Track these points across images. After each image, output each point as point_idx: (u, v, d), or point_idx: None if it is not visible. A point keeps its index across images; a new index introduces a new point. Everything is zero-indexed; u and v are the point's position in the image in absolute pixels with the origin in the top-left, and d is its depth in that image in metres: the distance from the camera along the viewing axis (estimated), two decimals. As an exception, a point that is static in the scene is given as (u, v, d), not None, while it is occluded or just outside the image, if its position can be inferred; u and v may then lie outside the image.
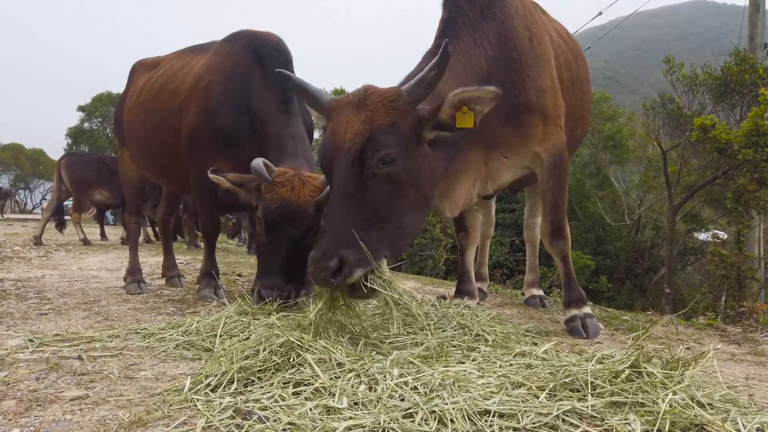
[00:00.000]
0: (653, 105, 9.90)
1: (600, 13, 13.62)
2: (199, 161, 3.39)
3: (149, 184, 4.58)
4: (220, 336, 2.19)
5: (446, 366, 1.75)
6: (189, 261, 6.94)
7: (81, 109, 35.30)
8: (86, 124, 35.61)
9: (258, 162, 2.87)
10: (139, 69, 4.19)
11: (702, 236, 14.39)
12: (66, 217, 10.79)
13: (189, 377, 1.65)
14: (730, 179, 8.39)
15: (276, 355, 1.74)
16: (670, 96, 9.65)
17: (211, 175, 2.93)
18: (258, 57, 3.35)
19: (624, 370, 1.58)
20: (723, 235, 11.85)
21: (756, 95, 8.33)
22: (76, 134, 35.47)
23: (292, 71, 3.41)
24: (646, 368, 1.55)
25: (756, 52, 10.59)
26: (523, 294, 4.01)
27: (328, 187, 2.70)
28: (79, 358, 1.99)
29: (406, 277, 6.24)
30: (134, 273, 3.98)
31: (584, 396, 1.49)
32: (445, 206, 2.67)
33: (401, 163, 2.16)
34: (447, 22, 2.70)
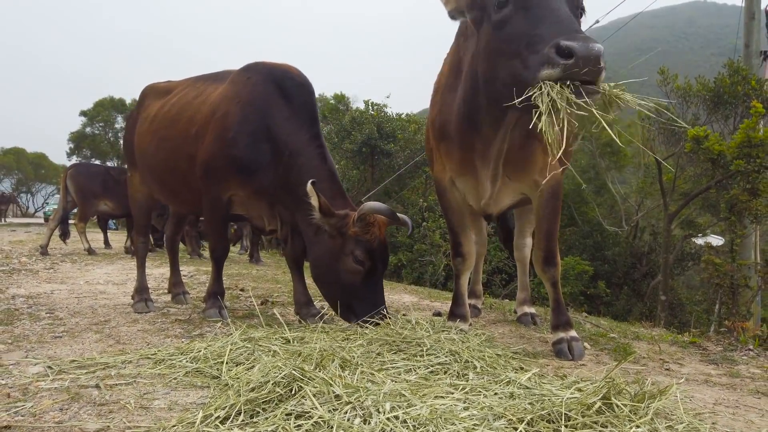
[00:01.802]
0: (648, 115, 10.06)
1: (597, 21, 13.72)
2: (214, 187, 3.54)
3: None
4: (227, 363, 2.35)
5: (436, 395, 1.91)
6: (192, 273, 7.11)
7: (83, 113, 35.61)
8: (88, 129, 35.91)
9: (377, 205, 3.16)
10: (150, 94, 4.31)
11: (700, 241, 14.53)
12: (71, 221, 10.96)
13: (200, 409, 1.81)
14: (723, 189, 8.56)
15: (279, 386, 1.90)
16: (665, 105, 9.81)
17: (310, 187, 3.05)
18: (280, 88, 3.46)
19: (596, 402, 1.73)
20: (719, 241, 11.98)
21: (749, 106, 8.49)
22: (78, 139, 35.78)
23: (315, 103, 3.62)
24: (614, 401, 1.71)
25: (752, 60, 10.74)
26: (515, 312, 4.16)
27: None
28: (97, 386, 2.14)
29: (404, 289, 6.40)
30: (142, 292, 4.14)
31: (558, 428, 1.64)
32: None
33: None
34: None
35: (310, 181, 3.08)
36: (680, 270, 14.30)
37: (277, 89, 3.46)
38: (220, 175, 3.47)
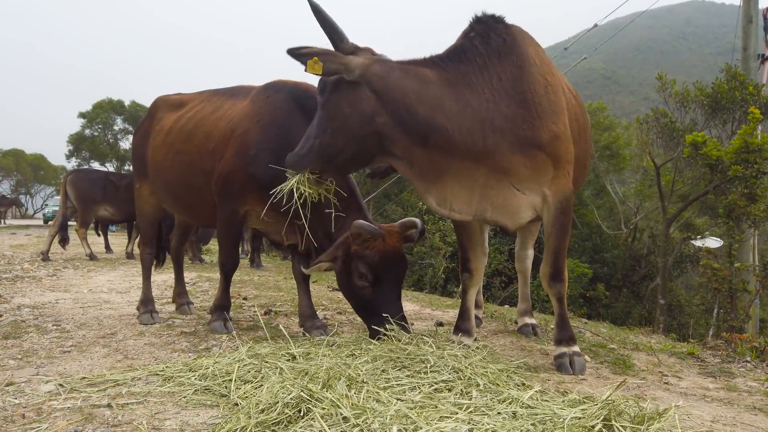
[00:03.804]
0: (647, 119, 10.13)
1: (595, 25, 13.79)
2: (231, 202, 3.58)
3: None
4: (235, 381, 2.40)
5: (441, 416, 1.96)
6: (195, 280, 7.15)
7: (82, 115, 35.60)
8: (87, 131, 35.90)
9: (362, 223, 3.17)
10: (162, 106, 4.30)
11: (698, 243, 14.60)
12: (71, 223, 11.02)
13: (211, 431, 1.86)
14: (721, 193, 8.63)
15: (288, 407, 1.95)
16: (664, 110, 9.88)
17: (357, 224, 3.13)
18: (303, 107, 3.48)
19: (597, 425, 1.78)
20: (717, 243, 12.04)
21: (747, 112, 8.56)
22: (77, 141, 35.78)
23: None
24: (615, 424, 1.76)
25: (749, 63, 10.81)
26: (516, 322, 4.22)
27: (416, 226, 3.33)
28: (109, 406, 2.19)
29: (405, 296, 6.44)
30: (147, 303, 4.18)
31: (560, 450, 1.69)
32: (430, 192, 2.95)
33: (328, 93, 2.91)
34: (456, 48, 2.98)
35: (358, 221, 3.20)
36: (679, 272, 14.38)
37: (300, 108, 3.47)
38: (238, 191, 3.50)
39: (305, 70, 2.83)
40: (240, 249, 12.84)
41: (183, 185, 3.90)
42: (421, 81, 2.83)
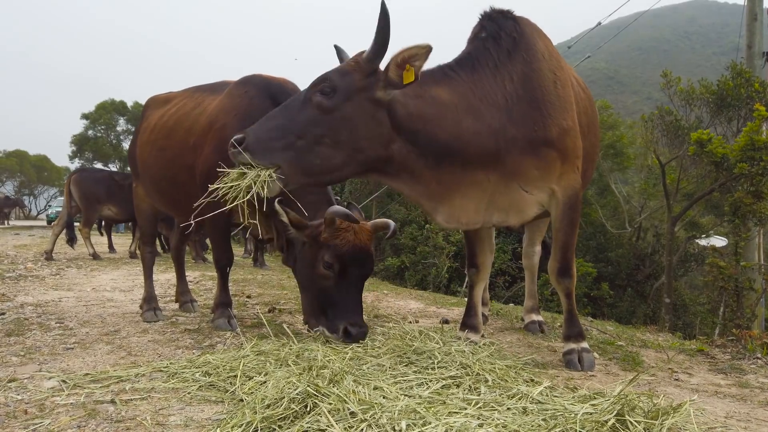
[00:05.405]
0: (652, 117, 10.07)
1: (599, 23, 13.73)
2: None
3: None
4: (240, 377, 2.37)
5: (449, 412, 1.93)
6: (198, 279, 7.12)
7: (85, 116, 35.70)
8: (90, 132, 35.99)
9: (338, 209, 3.07)
10: (152, 105, 4.35)
11: (703, 242, 14.52)
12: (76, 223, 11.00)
13: (217, 426, 1.83)
14: (727, 191, 8.57)
15: (294, 403, 1.92)
16: (668, 108, 9.83)
17: (277, 206, 3.08)
18: (276, 103, 3.43)
19: (610, 419, 1.75)
20: (722, 242, 11.98)
21: (752, 109, 8.51)
22: (80, 141, 35.87)
23: None
24: (628, 419, 1.72)
25: (754, 61, 10.74)
26: (522, 319, 4.18)
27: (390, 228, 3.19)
28: (113, 402, 2.16)
29: (410, 294, 6.40)
30: (150, 301, 4.16)
31: (573, 446, 1.65)
32: (438, 211, 2.80)
33: (337, 100, 2.54)
34: (468, 55, 2.88)
35: (276, 200, 3.11)
36: (683, 271, 14.30)
37: (273, 104, 3.46)
38: None
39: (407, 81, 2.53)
40: (243, 248, 12.86)
41: (166, 181, 3.91)
42: (439, 106, 2.67)
